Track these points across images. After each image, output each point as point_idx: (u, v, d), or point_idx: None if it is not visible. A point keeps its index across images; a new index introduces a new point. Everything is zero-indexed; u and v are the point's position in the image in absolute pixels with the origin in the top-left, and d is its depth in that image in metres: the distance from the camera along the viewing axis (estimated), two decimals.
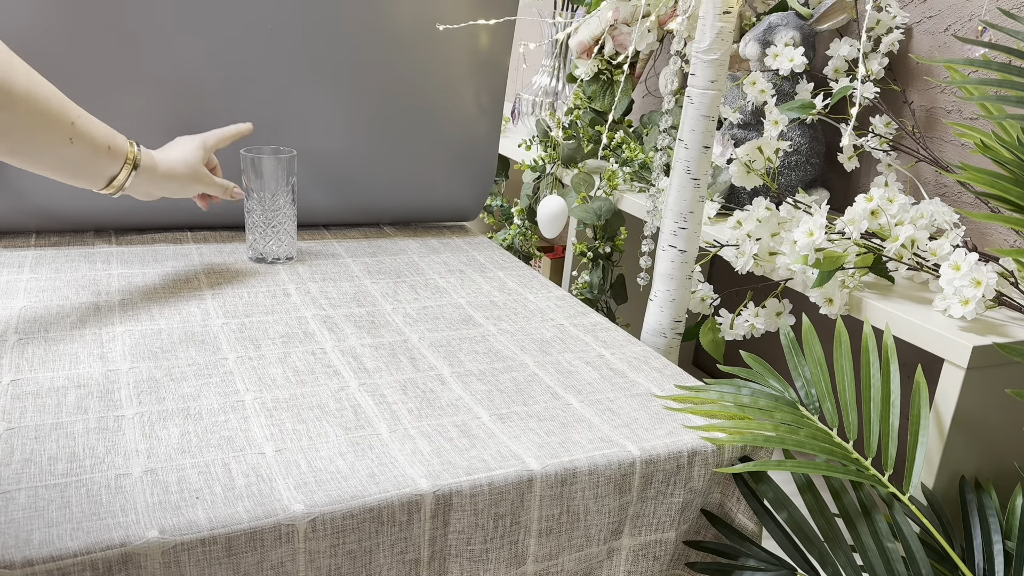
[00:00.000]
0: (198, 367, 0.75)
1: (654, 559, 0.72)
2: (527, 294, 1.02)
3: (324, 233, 1.18)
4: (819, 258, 0.92)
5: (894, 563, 0.66)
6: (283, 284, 0.97)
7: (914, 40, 1.16)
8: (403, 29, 1.10)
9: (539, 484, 0.64)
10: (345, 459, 0.63)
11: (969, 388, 0.82)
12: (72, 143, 0.75)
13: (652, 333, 0.97)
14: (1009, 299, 0.90)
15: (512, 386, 0.77)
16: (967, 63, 0.75)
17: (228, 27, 1.01)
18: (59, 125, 0.73)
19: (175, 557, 0.53)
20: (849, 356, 0.80)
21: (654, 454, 0.68)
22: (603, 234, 1.31)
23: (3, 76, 0.68)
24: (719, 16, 0.85)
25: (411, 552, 0.61)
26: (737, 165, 1.06)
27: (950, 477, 0.86)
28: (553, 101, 1.57)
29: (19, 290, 0.88)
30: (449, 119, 1.18)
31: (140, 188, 0.86)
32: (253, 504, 0.56)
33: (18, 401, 0.67)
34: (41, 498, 0.55)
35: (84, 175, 0.79)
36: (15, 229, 1.03)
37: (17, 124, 0.70)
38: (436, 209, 1.24)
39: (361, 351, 0.82)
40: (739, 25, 1.28)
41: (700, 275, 1.07)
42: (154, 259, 1.01)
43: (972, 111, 1.10)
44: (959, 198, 1.12)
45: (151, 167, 0.85)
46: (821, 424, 0.77)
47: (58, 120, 0.73)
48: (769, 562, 0.71)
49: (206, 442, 0.63)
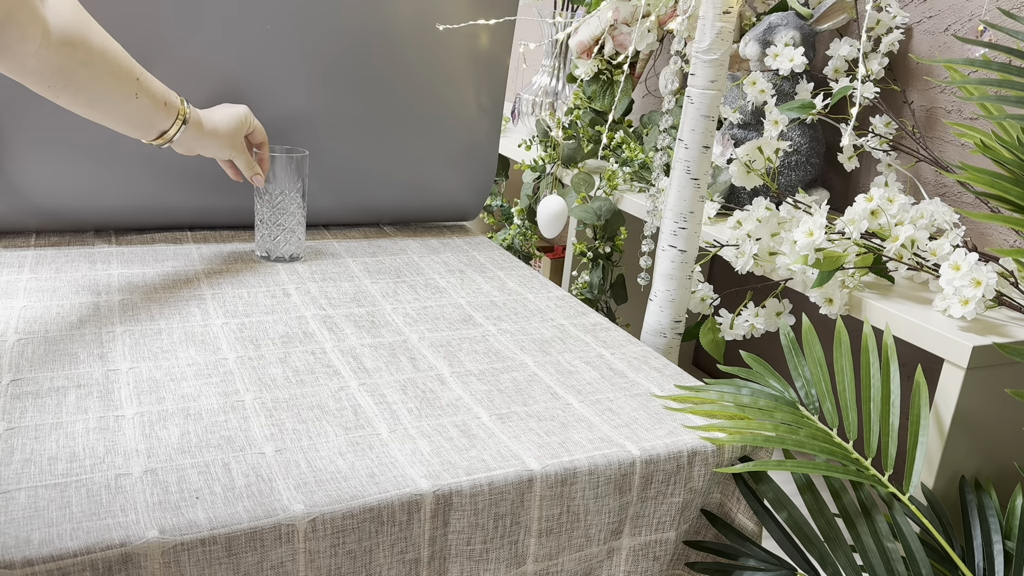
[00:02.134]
0: (198, 367, 0.75)
1: (654, 559, 0.72)
2: (527, 294, 1.02)
3: (324, 233, 1.18)
4: (819, 258, 0.92)
5: (894, 563, 0.66)
6: (283, 284, 0.97)
7: (914, 40, 1.16)
8: (403, 29, 1.10)
9: (539, 484, 0.64)
10: (345, 459, 0.63)
11: (969, 388, 0.82)
12: (137, 98, 0.82)
13: (652, 333, 0.97)
14: (1009, 299, 0.90)
15: (512, 386, 0.77)
16: (967, 63, 0.75)
17: (228, 27, 1.01)
18: (127, 80, 0.81)
19: (175, 557, 0.53)
20: (849, 356, 0.80)
21: (654, 454, 0.68)
22: (603, 234, 1.31)
23: (84, 34, 0.75)
24: (719, 16, 0.85)
25: (411, 552, 0.61)
26: (737, 165, 1.06)
27: (950, 477, 0.86)
28: (553, 101, 1.57)
29: (19, 290, 0.88)
30: (449, 119, 1.18)
31: (184, 143, 0.91)
32: (253, 504, 0.56)
33: (18, 401, 0.67)
34: (41, 498, 0.55)
35: (142, 127, 0.86)
36: (15, 229, 1.03)
37: (95, 78, 0.77)
38: (436, 209, 1.24)
39: (361, 351, 0.82)
40: (739, 25, 1.28)
41: (700, 275, 1.07)
42: (154, 259, 1.01)
43: (972, 111, 1.10)
44: (959, 198, 1.12)
45: (198, 123, 0.91)
46: (821, 424, 0.77)
47: (127, 76, 0.80)
48: (769, 562, 0.71)
49: (206, 442, 0.63)
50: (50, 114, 0.97)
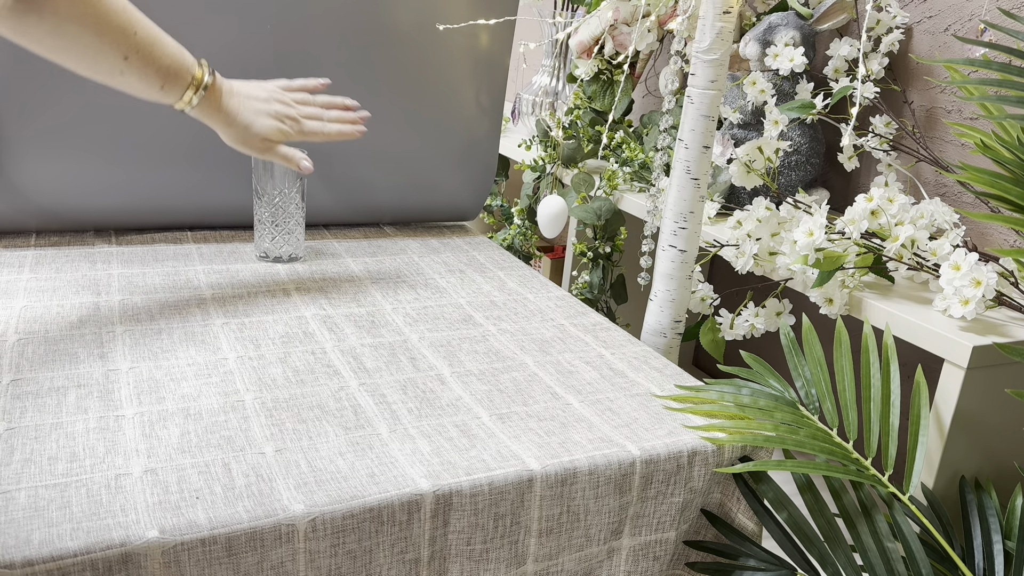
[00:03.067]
0: (198, 367, 0.75)
1: (654, 559, 0.72)
2: (527, 294, 1.02)
3: (324, 233, 1.18)
4: (819, 258, 0.92)
5: (894, 563, 0.66)
6: (283, 284, 0.97)
7: (914, 40, 1.16)
8: (403, 29, 1.10)
9: (539, 484, 0.64)
10: (345, 459, 0.63)
11: (969, 388, 0.82)
12: (123, 75, 0.72)
13: (652, 333, 0.97)
14: (1009, 299, 0.90)
15: (512, 386, 0.77)
16: (967, 63, 0.75)
17: (228, 27, 1.01)
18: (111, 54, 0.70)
19: (175, 557, 0.53)
20: (849, 356, 0.80)
21: (654, 454, 0.68)
22: (603, 234, 1.31)
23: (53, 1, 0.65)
24: (719, 16, 0.85)
25: (411, 552, 0.61)
26: (737, 165, 1.06)
27: (950, 477, 0.86)
28: (553, 101, 1.57)
29: (19, 290, 0.88)
30: (449, 119, 1.18)
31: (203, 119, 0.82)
32: (253, 504, 0.56)
33: (18, 401, 0.67)
34: (41, 498, 0.55)
35: (142, 95, 0.77)
36: (15, 229, 1.03)
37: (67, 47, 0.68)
38: (436, 209, 1.24)
39: (361, 351, 0.82)
40: (739, 25, 1.28)
41: (700, 275, 1.07)
42: (154, 259, 1.01)
43: (972, 111, 1.10)
44: (959, 198, 1.12)
45: (214, 101, 0.81)
46: (821, 424, 0.77)
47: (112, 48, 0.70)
48: (769, 562, 0.71)
49: (206, 442, 0.63)
50: (51, 114, 0.97)
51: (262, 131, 0.85)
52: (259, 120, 0.85)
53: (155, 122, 1.02)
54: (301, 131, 0.88)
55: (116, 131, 1.00)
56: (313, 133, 0.89)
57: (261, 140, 0.85)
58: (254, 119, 0.85)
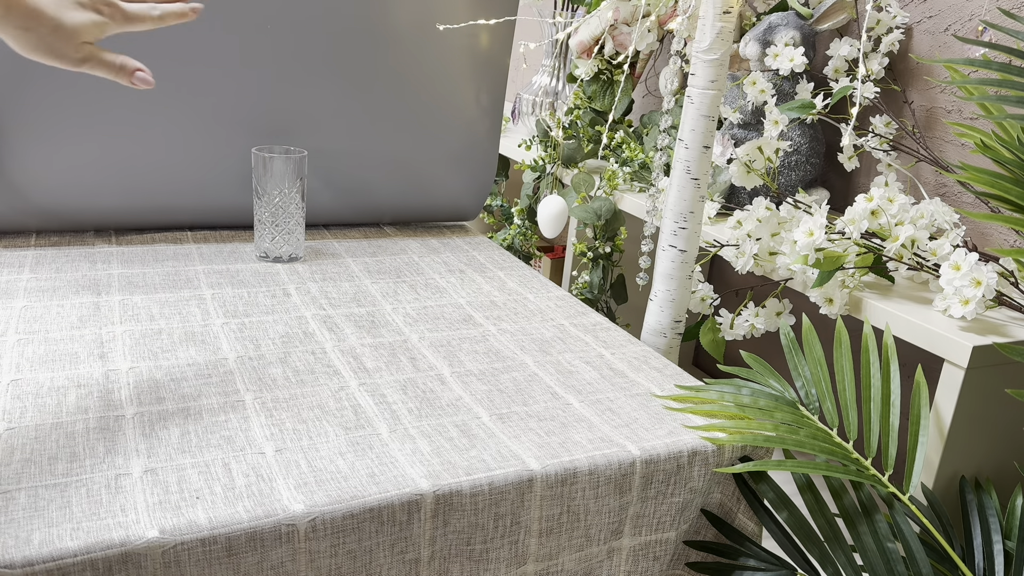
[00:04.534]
0: (198, 367, 0.75)
1: (654, 559, 0.72)
2: (527, 294, 1.02)
3: (324, 233, 1.18)
4: (819, 258, 0.92)
5: (894, 563, 0.66)
6: (283, 284, 0.97)
7: (914, 40, 1.16)
8: (403, 29, 1.10)
9: (539, 484, 0.64)
10: (345, 459, 0.63)
11: (969, 388, 0.82)
12: None
13: (652, 333, 0.97)
14: (1009, 299, 0.90)
15: (512, 386, 0.77)
16: (967, 63, 0.75)
17: (228, 27, 1.01)
18: None
19: (175, 557, 0.53)
20: (849, 356, 0.80)
21: (654, 454, 0.68)
22: (603, 234, 1.31)
23: None
24: (719, 16, 0.85)
25: (411, 552, 0.61)
26: (737, 165, 1.06)
27: (950, 477, 0.86)
28: (553, 101, 1.57)
29: (19, 290, 0.88)
30: (449, 119, 1.18)
31: None
32: (253, 504, 0.56)
33: (18, 401, 0.67)
34: (41, 498, 0.55)
35: None
36: (15, 229, 1.03)
37: None
38: (436, 209, 1.24)
39: (361, 351, 0.82)
40: (739, 25, 1.28)
41: (700, 275, 1.07)
42: (154, 259, 1.01)
43: (972, 111, 1.10)
44: (959, 198, 1.12)
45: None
46: (821, 424, 0.77)
47: None
48: (769, 562, 0.71)
49: (206, 442, 0.63)
50: (51, 114, 0.97)
51: (73, 25, 0.64)
52: (67, 14, 0.64)
53: (155, 122, 1.02)
54: (125, 16, 0.68)
55: (116, 131, 1.00)
56: (139, 17, 0.69)
57: (77, 44, 0.65)
58: (62, 13, 0.64)
